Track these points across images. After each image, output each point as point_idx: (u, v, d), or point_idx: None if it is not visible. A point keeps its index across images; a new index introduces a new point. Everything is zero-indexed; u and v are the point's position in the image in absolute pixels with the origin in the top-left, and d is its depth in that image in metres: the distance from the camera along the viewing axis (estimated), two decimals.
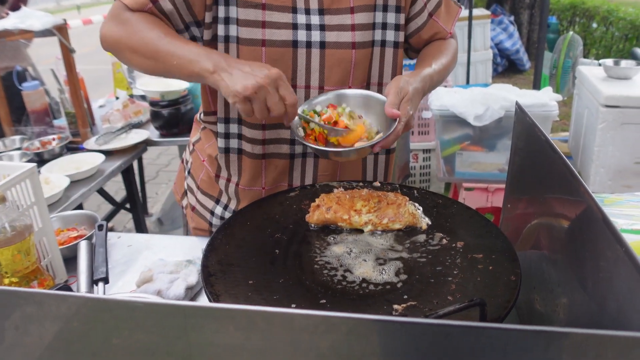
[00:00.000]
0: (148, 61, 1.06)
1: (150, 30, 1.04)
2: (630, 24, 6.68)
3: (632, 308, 0.56)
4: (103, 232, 1.17)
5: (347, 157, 1.11)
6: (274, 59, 1.12)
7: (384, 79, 1.23)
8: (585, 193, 0.73)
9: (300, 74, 1.16)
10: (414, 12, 1.23)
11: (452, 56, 1.25)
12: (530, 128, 1.05)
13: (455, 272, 0.91)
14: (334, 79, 1.17)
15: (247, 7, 1.09)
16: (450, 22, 1.28)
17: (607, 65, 2.49)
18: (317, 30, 1.13)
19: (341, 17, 1.15)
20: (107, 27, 1.09)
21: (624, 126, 2.22)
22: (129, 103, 2.62)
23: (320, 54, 1.15)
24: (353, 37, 1.15)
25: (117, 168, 2.21)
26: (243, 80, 0.95)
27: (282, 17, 1.11)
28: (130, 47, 1.06)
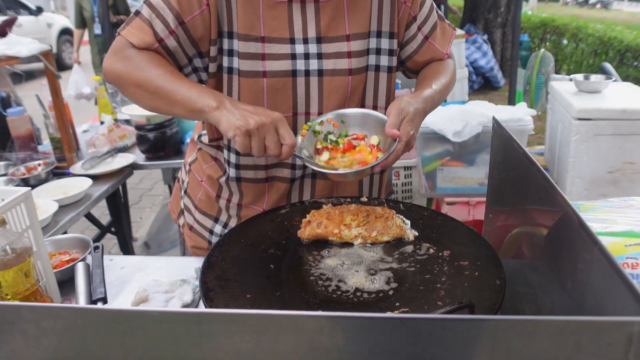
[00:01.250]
0: (151, 96, 1.08)
1: (154, 67, 1.07)
2: (598, 40, 6.95)
3: (608, 301, 0.61)
4: (99, 254, 1.19)
5: (347, 179, 1.15)
6: (275, 88, 1.16)
7: (379, 102, 1.28)
8: (562, 200, 0.79)
9: (300, 101, 1.20)
10: (408, 36, 1.28)
11: (451, 76, 1.30)
12: (508, 142, 1.12)
13: (443, 279, 0.96)
14: (332, 105, 1.21)
15: (247, 41, 1.13)
16: (446, 43, 1.33)
17: (577, 80, 2.60)
18: (315, 58, 1.18)
19: (338, 44, 1.19)
20: (110, 61, 1.12)
21: (597, 137, 2.32)
22: (114, 127, 2.64)
23: (318, 81, 1.19)
24: (350, 64, 1.20)
25: (104, 192, 2.22)
26: (246, 116, 0.99)
27: (281, 48, 1.15)
28: (133, 82, 1.09)
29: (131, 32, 1.10)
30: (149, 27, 1.09)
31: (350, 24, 1.19)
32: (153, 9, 1.10)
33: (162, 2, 1.09)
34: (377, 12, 1.21)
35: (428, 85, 1.20)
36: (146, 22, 1.10)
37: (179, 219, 1.52)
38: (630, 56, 6.25)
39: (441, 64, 1.32)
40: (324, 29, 1.17)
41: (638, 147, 2.28)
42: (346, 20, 1.18)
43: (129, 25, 1.12)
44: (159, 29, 1.10)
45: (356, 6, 1.19)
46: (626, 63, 6.27)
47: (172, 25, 1.10)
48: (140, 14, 1.11)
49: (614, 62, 6.30)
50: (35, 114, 2.69)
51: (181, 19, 1.10)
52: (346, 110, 1.18)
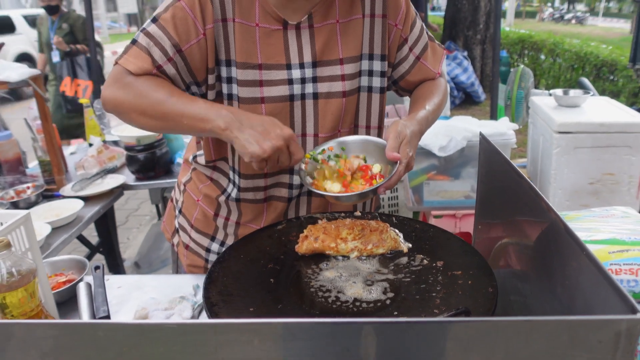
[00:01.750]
0: (156, 122, 1.10)
1: (156, 91, 1.08)
2: (575, 55, 7.15)
3: (596, 303, 0.65)
4: (100, 273, 1.21)
5: (351, 202, 1.19)
6: (273, 113, 1.19)
7: (372, 122, 1.32)
8: (549, 210, 0.84)
9: (297, 124, 1.24)
10: (400, 57, 1.32)
11: (443, 95, 1.35)
12: (495, 156, 1.17)
13: (438, 288, 0.99)
14: (327, 126, 1.25)
15: (245, 69, 1.16)
16: (437, 63, 1.38)
17: (557, 95, 2.70)
18: (311, 82, 1.21)
19: (332, 68, 1.23)
20: (109, 91, 1.12)
21: (577, 150, 2.40)
22: (103, 149, 2.65)
23: (314, 104, 1.23)
24: (343, 87, 1.24)
25: (95, 213, 2.22)
26: (260, 141, 1.02)
27: (278, 74, 1.19)
28: (136, 109, 1.09)
29: (128, 61, 1.11)
30: (146, 55, 1.10)
31: (343, 48, 1.23)
32: (151, 37, 1.11)
33: (160, 30, 1.11)
34: (368, 36, 1.25)
35: (422, 107, 1.24)
36: (143, 50, 1.11)
37: (173, 238, 1.54)
38: (606, 70, 6.45)
39: (433, 84, 1.36)
40: (319, 53, 1.21)
41: (616, 158, 2.36)
42: (339, 45, 1.23)
43: (126, 54, 1.12)
44: (157, 56, 1.11)
45: (348, 30, 1.23)
46: (602, 77, 6.46)
47: (170, 52, 1.11)
48: (137, 42, 1.12)
49: (591, 77, 6.49)
50: (21, 137, 2.69)
51: (179, 47, 1.12)
52: (346, 138, 1.23)
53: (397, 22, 1.27)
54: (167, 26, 1.11)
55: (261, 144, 1.02)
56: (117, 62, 1.13)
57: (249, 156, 1.03)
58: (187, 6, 1.11)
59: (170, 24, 1.11)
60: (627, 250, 0.98)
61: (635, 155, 2.31)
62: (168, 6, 1.12)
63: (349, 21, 1.23)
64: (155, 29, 1.12)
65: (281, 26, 1.18)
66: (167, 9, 1.12)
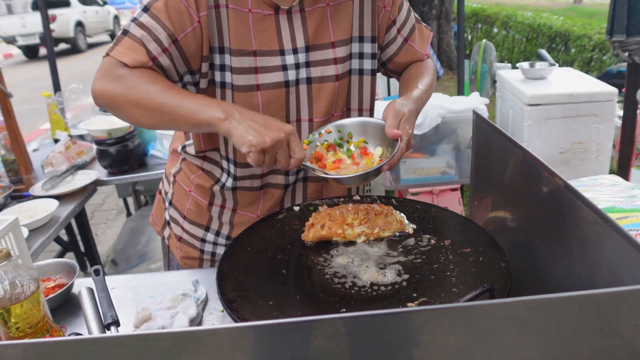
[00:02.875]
0: (151, 114, 1.05)
1: (151, 84, 1.05)
2: (529, 27, 7.32)
3: (624, 271, 0.68)
4: (101, 276, 1.16)
5: (354, 183, 1.17)
6: (269, 100, 1.17)
7: (364, 104, 1.31)
8: (556, 177, 0.86)
9: (292, 110, 1.22)
10: (389, 39, 1.32)
11: (432, 75, 1.36)
12: (491, 131, 1.19)
13: (451, 267, 1.01)
14: (321, 110, 1.24)
15: (240, 56, 1.13)
16: (425, 45, 1.39)
17: (524, 68, 2.76)
18: (304, 67, 1.20)
19: (324, 52, 1.21)
20: (100, 83, 1.07)
21: (547, 121, 2.47)
22: (71, 144, 2.54)
23: (307, 89, 1.21)
24: (336, 70, 1.22)
25: (71, 212, 2.14)
26: (260, 132, 0.99)
27: (272, 60, 1.16)
28: (130, 101, 1.05)
29: (122, 52, 1.07)
30: (141, 46, 1.07)
31: (334, 31, 1.22)
32: (144, 28, 1.07)
33: (154, 20, 1.07)
34: (358, 18, 1.24)
35: (415, 86, 1.25)
36: (137, 41, 1.07)
37: (164, 230, 1.50)
38: (559, 41, 6.64)
39: (422, 65, 1.37)
40: (312, 37, 1.19)
41: (585, 127, 2.45)
42: (330, 28, 1.21)
43: (117, 46, 1.08)
44: (152, 47, 1.07)
45: (339, 13, 1.21)
46: (556, 48, 6.66)
47: (165, 43, 1.08)
48: (129, 33, 1.08)
49: (544, 48, 6.68)
50: None
51: (174, 37, 1.08)
52: (344, 120, 1.21)
53: (385, 4, 1.26)
54: (161, 15, 1.07)
55: (262, 134, 0.99)
56: (109, 54, 1.08)
57: (247, 146, 0.99)
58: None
59: (164, 13, 1.07)
60: (627, 217, 1.03)
61: (602, 123, 2.40)
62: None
63: (338, 4, 1.21)
64: (148, 19, 1.07)
65: (273, 11, 1.15)
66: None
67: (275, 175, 1.29)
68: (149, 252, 2.68)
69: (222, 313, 1.20)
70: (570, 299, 0.55)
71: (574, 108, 2.41)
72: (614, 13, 1.58)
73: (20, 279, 0.90)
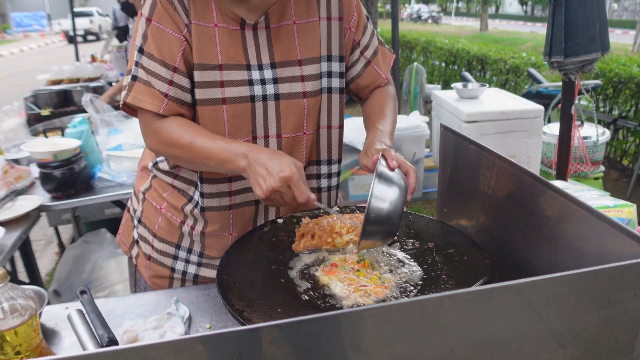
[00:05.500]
0: (190, 164, 1.22)
1: (180, 137, 1.14)
2: (447, 52, 7.83)
3: (609, 251, 0.78)
4: (88, 297, 1.12)
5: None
6: (235, 115, 1.20)
7: (332, 122, 1.35)
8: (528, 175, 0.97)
9: (259, 125, 1.24)
10: (352, 60, 1.37)
11: (394, 103, 1.41)
12: (459, 141, 1.30)
13: (440, 266, 1.09)
14: (290, 127, 1.27)
15: (203, 70, 1.17)
16: (387, 67, 1.43)
17: (458, 89, 2.97)
18: (271, 83, 1.23)
19: (291, 69, 1.25)
20: (148, 142, 1.22)
21: (483, 137, 2.68)
22: (8, 168, 2.39)
23: (275, 105, 1.24)
24: (304, 87, 1.26)
25: (17, 240, 2.00)
26: (261, 182, 1.05)
27: (238, 75, 1.19)
28: (171, 156, 1.20)
29: (139, 99, 1.15)
30: (152, 89, 1.15)
31: (301, 49, 1.26)
32: (148, 71, 1.15)
33: (150, 60, 1.15)
34: (326, 38, 1.29)
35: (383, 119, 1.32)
36: (148, 85, 1.15)
37: (131, 250, 1.46)
38: (476, 65, 7.16)
39: (384, 95, 1.41)
40: (277, 54, 1.23)
41: (516, 142, 2.68)
42: (297, 46, 1.25)
43: (132, 92, 1.15)
44: (160, 86, 1.15)
45: (305, 33, 1.26)
46: (473, 72, 7.17)
47: (168, 77, 1.15)
48: (139, 78, 1.15)
49: (462, 71, 7.18)
50: None
51: (172, 67, 1.15)
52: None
53: (350, 26, 1.32)
54: (154, 53, 1.14)
55: (261, 185, 1.06)
56: (125, 101, 1.16)
57: (257, 194, 1.07)
58: (160, 24, 1.14)
59: (155, 49, 1.15)
60: None
61: (531, 138, 2.64)
62: (145, 32, 1.15)
63: (306, 23, 1.26)
64: (147, 61, 1.15)
65: (239, 26, 1.19)
66: (145, 35, 1.15)
67: (246, 193, 1.30)
68: (95, 280, 2.56)
69: (210, 329, 1.20)
70: (587, 274, 0.63)
71: (506, 124, 2.63)
72: (552, 36, 1.79)
73: (20, 302, 0.87)
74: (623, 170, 5.07)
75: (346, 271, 1.08)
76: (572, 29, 1.70)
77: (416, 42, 9.36)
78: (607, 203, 1.24)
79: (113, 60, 5.68)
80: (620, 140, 5.03)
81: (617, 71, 4.71)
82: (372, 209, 1.00)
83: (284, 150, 1.28)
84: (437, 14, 36.66)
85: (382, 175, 1.04)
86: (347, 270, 1.08)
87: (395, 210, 1.02)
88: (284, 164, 1.06)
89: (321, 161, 1.40)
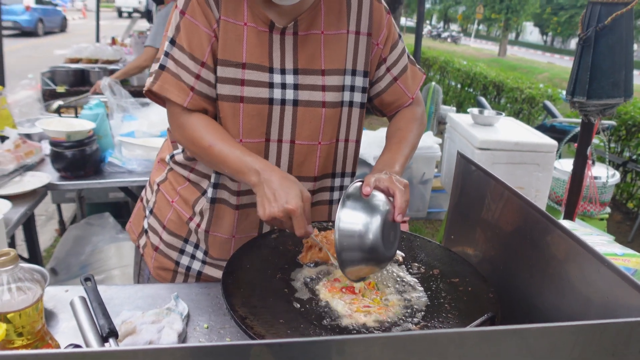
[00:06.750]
0: (208, 164, 1.26)
1: (202, 138, 1.17)
2: (465, 74, 7.84)
3: (616, 302, 0.79)
4: (92, 285, 1.13)
5: None
6: (251, 114, 1.21)
7: (350, 136, 1.36)
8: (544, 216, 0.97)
9: (274, 128, 1.25)
10: (378, 76, 1.37)
11: (418, 125, 1.39)
12: (474, 170, 1.31)
13: (443, 295, 1.09)
14: (305, 134, 1.28)
15: (225, 66, 1.18)
16: (415, 87, 1.43)
17: (474, 114, 2.98)
18: (292, 89, 1.24)
19: (313, 77, 1.26)
20: (173, 133, 1.26)
21: (494, 165, 2.68)
22: (20, 143, 2.40)
23: (293, 110, 1.25)
24: (323, 97, 1.27)
25: (22, 215, 2.01)
26: (266, 206, 1.07)
27: (260, 76, 1.21)
28: (193, 153, 1.24)
29: (165, 89, 1.17)
30: (179, 81, 1.17)
31: (325, 60, 1.27)
32: (177, 62, 1.17)
33: (180, 52, 1.17)
34: (352, 52, 1.30)
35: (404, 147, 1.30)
36: (175, 77, 1.17)
37: (140, 239, 1.48)
38: (492, 90, 7.17)
39: (408, 119, 1.40)
40: (301, 61, 1.25)
41: (526, 174, 2.68)
42: (322, 56, 1.27)
43: (158, 80, 1.18)
44: (187, 79, 1.17)
45: (332, 44, 1.27)
46: (488, 97, 7.18)
47: (195, 71, 1.17)
48: (167, 68, 1.18)
49: (478, 95, 7.18)
50: None
51: (200, 61, 1.18)
52: None
53: (378, 42, 1.33)
54: (185, 45, 1.17)
55: (265, 209, 1.07)
56: (151, 88, 1.18)
57: (258, 214, 1.09)
58: (193, 18, 1.17)
59: (185, 41, 1.18)
60: None
61: (542, 172, 2.64)
62: (178, 24, 1.18)
63: (333, 35, 1.27)
64: (178, 53, 1.17)
65: (267, 29, 1.21)
66: (178, 27, 1.18)
67: (253, 195, 1.31)
68: (93, 262, 2.56)
69: (207, 329, 1.21)
70: (596, 326, 0.64)
71: (519, 156, 2.64)
72: (576, 76, 1.80)
73: (27, 284, 0.87)
74: (628, 213, 5.07)
75: (347, 286, 1.08)
76: (597, 72, 1.71)
77: (434, 60, 9.38)
78: (615, 250, 1.24)
79: (133, 45, 5.71)
80: (628, 182, 5.03)
81: (632, 114, 4.72)
82: (340, 234, 1.00)
83: (297, 158, 1.29)
84: (456, 34, 36.75)
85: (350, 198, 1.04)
86: (348, 286, 1.09)
87: (369, 234, 1.00)
88: (292, 195, 1.06)
89: (336, 174, 1.41)
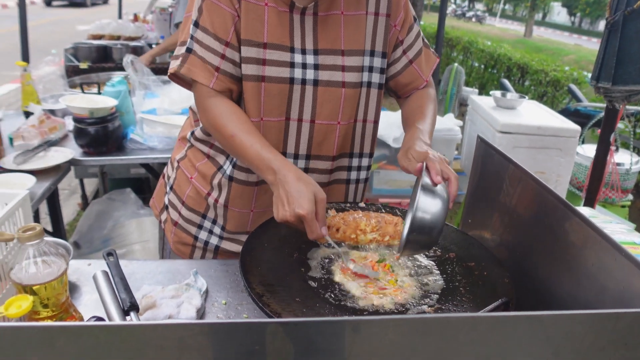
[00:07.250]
0: (229, 152, 1.28)
1: (225, 126, 1.19)
2: (489, 55, 7.68)
3: (633, 294, 0.78)
4: (115, 260, 1.16)
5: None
6: (272, 94, 1.23)
7: (368, 116, 1.37)
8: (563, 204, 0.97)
9: (294, 107, 1.26)
10: (394, 58, 1.38)
11: (434, 105, 1.41)
12: (494, 155, 1.30)
13: (459, 278, 1.10)
14: (325, 113, 1.29)
15: (248, 46, 1.20)
16: (428, 70, 1.44)
17: (496, 97, 2.93)
18: (312, 69, 1.25)
19: (333, 57, 1.27)
20: (199, 115, 1.27)
21: (515, 149, 2.65)
22: (45, 119, 2.45)
23: (313, 90, 1.26)
24: (343, 77, 1.28)
25: (46, 190, 2.06)
26: (280, 207, 1.08)
27: (281, 55, 1.22)
28: (216, 138, 1.26)
29: (192, 71, 1.19)
30: (205, 64, 1.19)
31: (345, 40, 1.28)
32: (202, 45, 1.19)
33: (205, 34, 1.18)
34: (371, 33, 1.31)
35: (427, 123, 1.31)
36: (202, 60, 1.19)
37: (161, 214, 1.53)
38: (516, 72, 7.03)
39: (425, 98, 1.41)
40: (321, 41, 1.25)
41: (548, 159, 2.65)
42: (342, 36, 1.27)
43: (186, 63, 1.19)
44: (212, 59, 1.18)
45: (352, 25, 1.28)
46: (512, 79, 7.04)
47: (220, 50, 1.19)
48: (193, 51, 1.19)
49: (501, 77, 7.05)
50: None
51: (225, 41, 1.18)
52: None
53: (396, 23, 1.33)
54: (209, 27, 1.18)
55: (278, 210, 1.08)
56: (178, 71, 1.20)
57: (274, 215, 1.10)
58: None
59: (209, 23, 1.18)
60: None
61: (564, 157, 2.60)
62: (200, 6, 1.19)
63: (353, 15, 1.27)
64: (202, 35, 1.19)
65: (288, 9, 1.21)
66: (201, 9, 1.18)
67: None
68: (115, 237, 2.63)
69: (225, 305, 1.23)
70: (610, 315, 0.64)
71: (540, 140, 2.60)
72: (602, 61, 1.75)
73: (52, 258, 0.90)
74: None
75: (358, 273, 1.10)
76: (624, 57, 1.66)
77: (458, 40, 9.21)
78: (634, 239, 1.23)
79: (155, 21, 5.71)
80: None
81: None
82: (417, 220, 1.01)
83: (316, 137, 1.30)
84: (481, 14, 35.91)
85: (427, 188, 1.05)
86: (359, 272, 1.10)
87: (438, 223, 1.02)
88: (304, 199, 1.05)
89: (354, 154, 1.41)
